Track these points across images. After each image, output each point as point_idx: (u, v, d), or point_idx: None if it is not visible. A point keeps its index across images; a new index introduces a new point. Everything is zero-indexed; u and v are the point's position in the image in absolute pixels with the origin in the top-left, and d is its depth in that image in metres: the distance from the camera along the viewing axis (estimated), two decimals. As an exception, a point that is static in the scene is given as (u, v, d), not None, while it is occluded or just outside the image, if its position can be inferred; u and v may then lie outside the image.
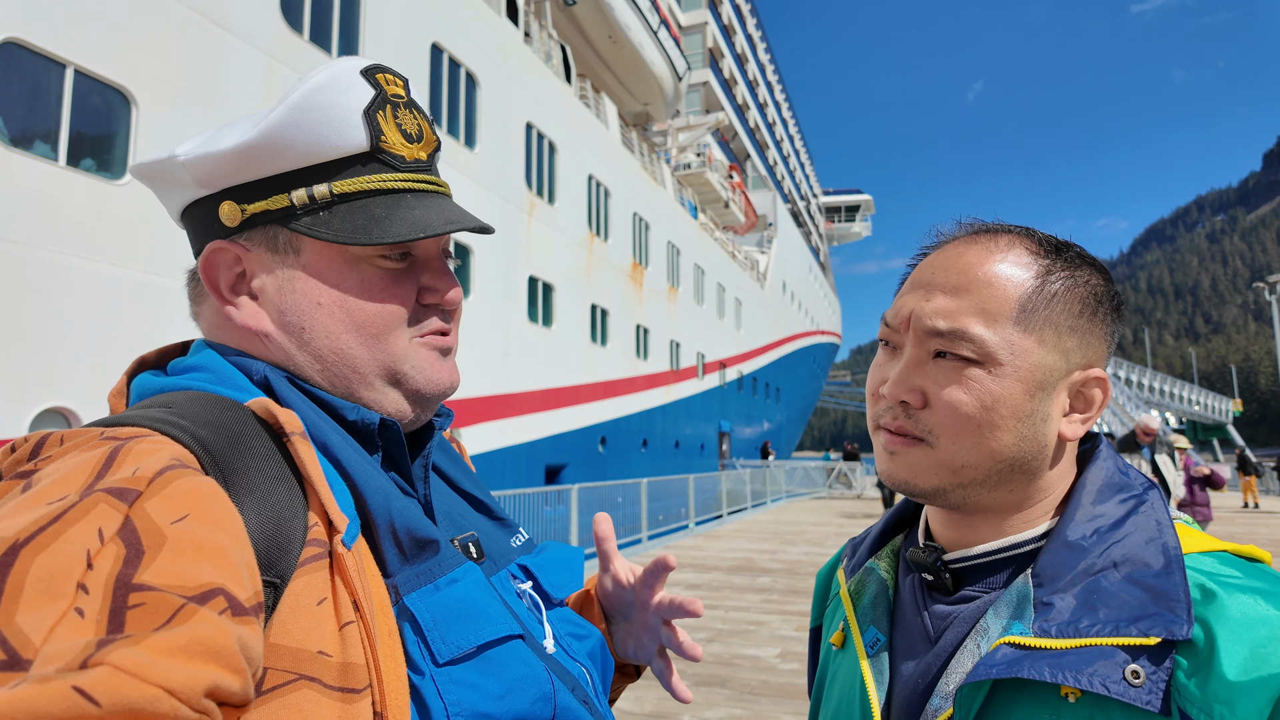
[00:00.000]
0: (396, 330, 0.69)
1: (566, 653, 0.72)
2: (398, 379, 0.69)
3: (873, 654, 0.75)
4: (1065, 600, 0.61)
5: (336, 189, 0.66)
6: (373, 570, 0.58)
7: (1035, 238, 0.70)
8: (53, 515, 0.41)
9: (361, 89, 0.68)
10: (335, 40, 10.46)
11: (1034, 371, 0.65)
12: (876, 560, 0.83)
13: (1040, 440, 0.66)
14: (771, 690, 4.67)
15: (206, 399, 0.59)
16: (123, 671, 0.37)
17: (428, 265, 0.72)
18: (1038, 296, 0.66)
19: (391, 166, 0.69)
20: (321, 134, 0.65)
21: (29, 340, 6.56)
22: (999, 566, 0.69)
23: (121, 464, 0.47)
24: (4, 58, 6.54)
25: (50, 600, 0.38)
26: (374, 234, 0.66)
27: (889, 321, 0.73)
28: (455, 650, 0.58)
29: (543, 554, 0.81)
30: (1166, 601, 0.58)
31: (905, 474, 0.68)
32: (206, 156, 0.65)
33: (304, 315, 0.67)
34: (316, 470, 0.56)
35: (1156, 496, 0.67)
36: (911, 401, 0.67)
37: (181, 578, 0.42)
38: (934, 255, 0.73)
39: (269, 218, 0.66)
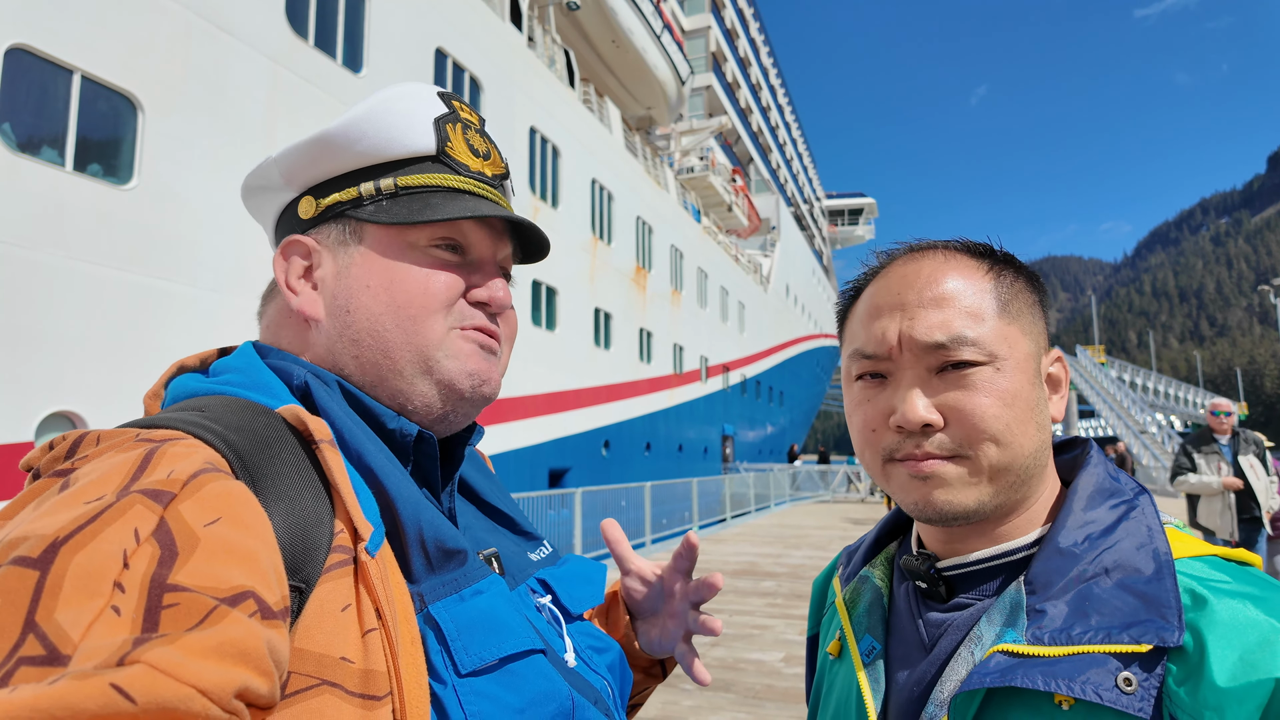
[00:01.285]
0: (434, 315, 0.69)
1: (588, 666, 0.73)
2: (429, 367, 0.69)
3: (868, 662, 0.75)
4: (1058, 607, 0.62)
5: (401, 182, 0.70)
6: (397, 578, 0.58)
7: (963, 244, 0.73)
8: (91, 514, 0.43)
9: (436, 104, 0.74)
10: (340, 46, 10.51)
11: (1028, 360, 0.68)
12: (871, 568, 0.83)
13: (1048, 426, 0.69)
14: (776, 695, 4.66)
15: (239, 404, 0.60)
16: (158, 670, 0.38)
17: (481, 267, 0.74)
18: (1007, 291, 0.69)
19: (455, 170, 0.73)
20: (392, 134, 0.70)
21: (36, 344, 6.59)
22: (992, 574, 0.69)
23: (157, 466, 0.47)
24: (12, 64, 6.58)
25: (88, 598, 0.39)
26: (426, 214, 0.69)
27: (872, 351, 0.70)
28: (478, 661, 0.58)
29: (564, 566, 0.81)
30: (1158, 608, 0.58)
31: (946, 495, 0.66)
32: (291, 149, 0.72)
33: (352, 297, 0.69)
34: (343, 477, 0.57)
35: (1147, 501, 0.67)
36: (935, 422, 0.66)
37: (214, 579, 0.43)
38: (882, 280, 0.73)
39: (340, 209, 0.71)
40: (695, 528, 14.34)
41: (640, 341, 20.68)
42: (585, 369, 17.41)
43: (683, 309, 24.05)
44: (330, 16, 10.39)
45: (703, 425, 25.81)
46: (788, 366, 39.08)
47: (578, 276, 17.24)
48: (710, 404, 26.54)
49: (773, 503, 19.87)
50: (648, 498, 12.32)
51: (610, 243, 19.07)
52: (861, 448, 0.73)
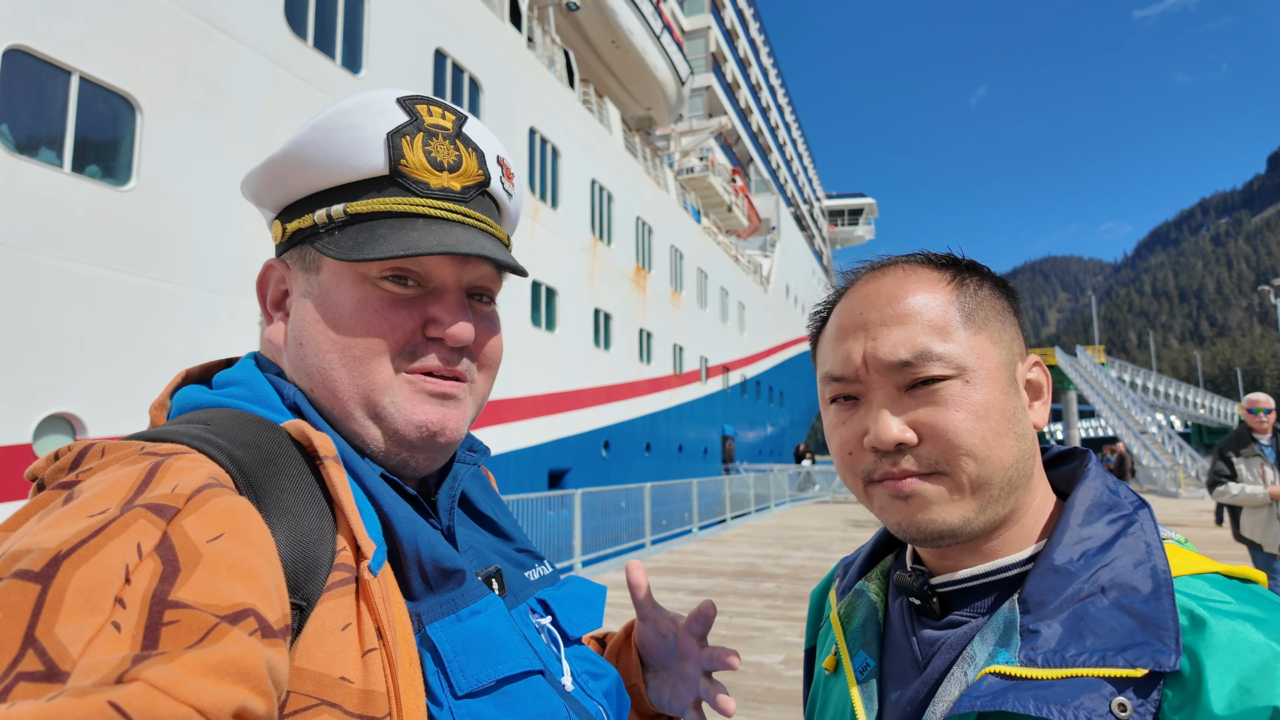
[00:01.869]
0: (379, 357, 0.65)
1: (584, 691, 0.72)
2: (376, 413, 0.66)
3: (862, 680, 0.73)
4: (1052, 628, 0.60)
5: (350, 209, 0.66)
6: (397, 598, 0.58)
7: (924, 256, 0.72)
8: (94, 528, 0.42)
9: (393, 114, 0.67)
10: (339, 47, 10.50)
11: (999, 370, 0.66)
12: (866, 582, 0.81)
13: (1030, 435, 0.67)
14: (776, 697, 4.65)
15: (244, 418, 0.59)
16: (156, 689, 0.37)
17: (441, 297, 0.68)
18: (971, 300, 0.68)
19: (409, 191, 0.67)
20: (340, 154, 0.66)
21: (34, 345, 6.58)
22: (986, 590, 0.67)
23: (161, 480, 0.47)
24: (10, 65, 6.57)
25: (89, 613, 0.39)
26: (365, 250, 0.64)
27: (840, 374, 0.69)
28: (474, 683, 0.57)
29: (564, 588, 0.80)
30: (1154, 629, 0.56)
31: (927, 513, 0.64)
32: (249, 176, 0.70)
33: (304, 330, 0.67)
34: (348, 495, 0.57)
35: (1147, 516, 0.65)
36: (909, 440, 0.64)
37: (215, 596, 0.43)
38: (846, 302, 0.72)
39: (301, 236, 0.69)
40: (695, 529, 14.33)
41: (640, 342, 20.67)
42: (585, 370, 17.40)
43: (683, 309, 24.04)
44: (329, 17, 10.38)
45: (703, 426, 25.80)
46: (788, 367, 39.08)
47: (577, 277, 17.23)
48: (710, 404, 26.54)
49: (773, 503, 19.85)
50: (647, 498, 12.31)
51: (610, 243, 19.07)
52: (842, 471, 0.72)
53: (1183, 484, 24.90)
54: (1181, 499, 23.24)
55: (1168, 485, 25.49)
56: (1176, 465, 27.69)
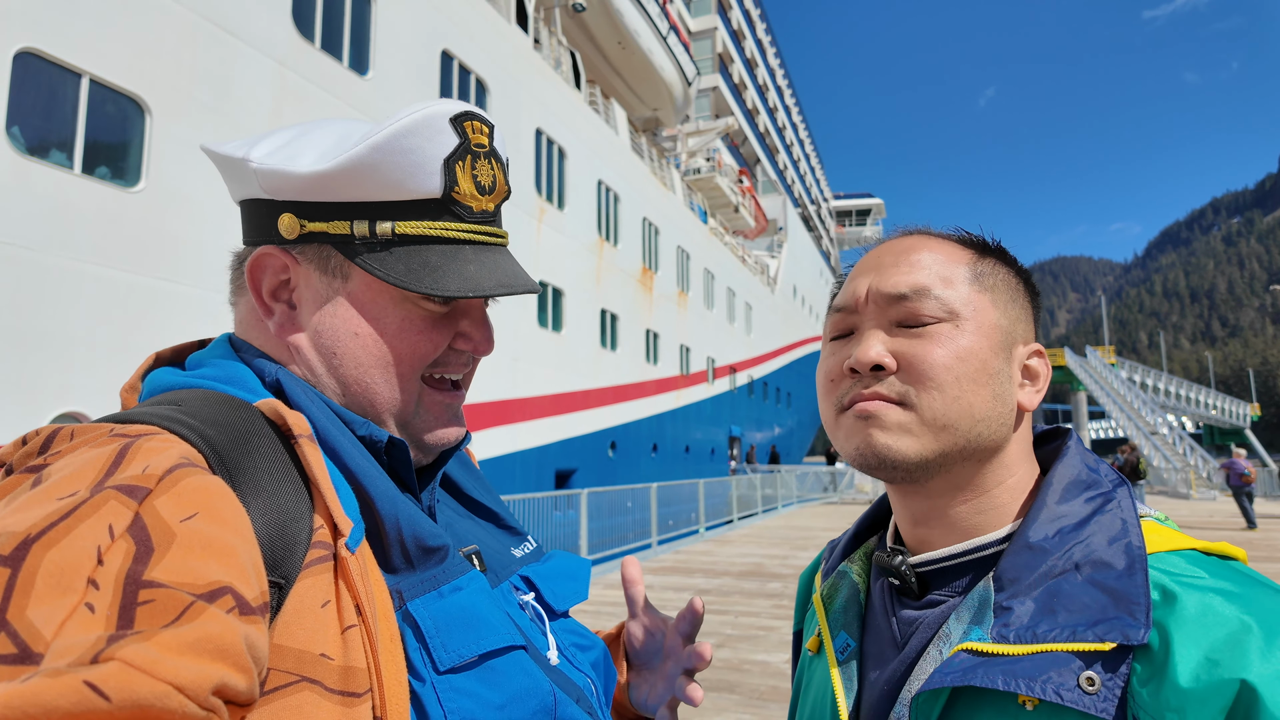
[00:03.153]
0: (418, 371, 0.70)
1: (571, 663, 0.72)
2: (406, 422, 0.70)
3: (842, 660, 0.74)
4: (1025, 604, 0.60)
5: (399, 229, 0.66)
6: (376, 575, 0.58)
7: (953, 231, 0.74)
8: (64, 511, 0.42)
9: (447, 137, 0.67)
10: (346, 49, 10.55)
11: (994, 330, 0.67)
12: (849, 563, 0.81)
13: (1009, 403, 0.67)
14: (781, 696, 4.64)
15: (216, 398, 0.59)
16: (133, 667, 0.37)
17: (469, 313, 0.72)
18: (986, 269, 0.70)
19: (457, 216, 0.69)
20: (398, 177, 0.65)
21: (44, 345, 6.63)
22: (963, 570, 0.67)
23: (131, 461, 0.47)
24: (21, 68, 6.63)
25: (61, 595, 0.38)
26: (426, 283, 0.65)
27: (842, 304, 0.72)
28: (456, 658, 0.58)
29: (548, 563, 0.80)
30: (1126, 604, 0.56)
31: (885, 439, 0.64)
32: (279, 173, 0.66)
33: (338, 341, 0.67)
34: (323, 473, 0.57)
35: (1125, 494, 0.65)
36: (886, 365, 0.65)
37: (190, 575, 0.43)
38: (870, 253, 0.75)
39: (326, 239, 0.67)
40: (702, 529, 14.31)
41: (647, 342, 20.67)
42: (592, 370, 17.41)
43: (689, 310, 24.03)
44: (336, 19, 10.43)
45: (709, 426, 25.77)
46: (795, 368, 38.99)
47: (584, 278, 17.25)
48: (717, 405, 26.51)
49: (780, 504, 19.82)
50: (654, 499, 12.31)
51: (616, 244, 19.08)
52: (822, 400, 0.72)
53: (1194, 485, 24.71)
54: (1193, 500, 23.07)
55: (1179, 487, 25.31)
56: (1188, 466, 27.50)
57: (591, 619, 6.85)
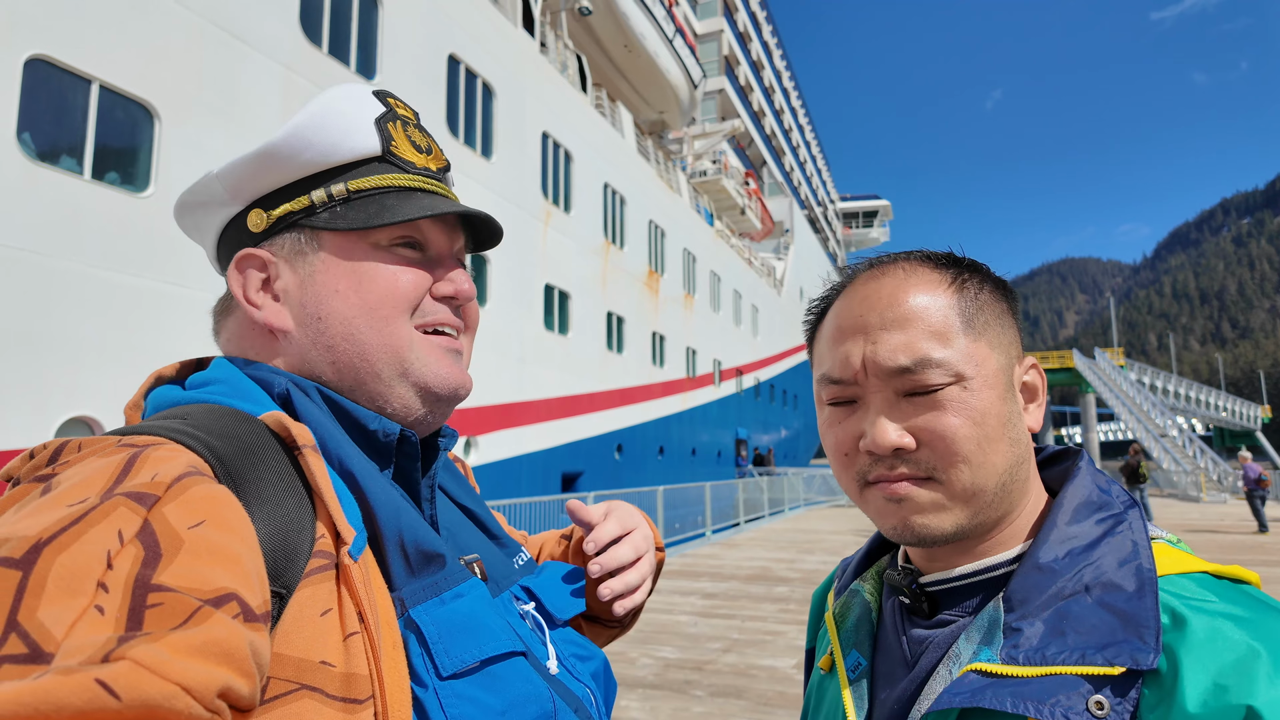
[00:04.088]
0: (402, 316, 0.70)
1: (570, 673, 0.72)
2: (405, 368, 0.70)
3: (854, 679, 0.73)
4: (1034, 626, 0.59)
5: (352, 186, 0.71)
6: (379, 582, 0.58)
7: (924, 255, 0.71)
8: (74, 516, 0.43)
9: (374, 104, 0.74)
10: (353, 53, 10.59)
11: (998, 375, 0.66)
12: (861, 582, 0.81)
13: (1024, 440, 0.67)
14: (788, 701, 4.62)
15: (221, 411, 0.60)
16: (143, 667, 0.38)
17: (441, 262, 0.75)
18: (971, 304, 0.67)
19: (402, 169, 0.73)
20: (336, 138, 0.70)
21: (54, 350, 6.67)
22: (974, 590, 0.67)
23: (140, 470, 0.48)
24: (31, 74, 6.68)
25: (72, 597, 0.39)
26: (384, 217, 0.69)
27: (838, 376, 0.69)
28: (459, 664, 0.58)
29: (544, 573, 0.81)
30: (1135, 627, 0.56)
31: (922, 520, 0.65)
32: (234, 164, 0.71)
33: (321, 303, 0.69)
34: (326, 482, 0.58)
35: (1136, 515, 0.64)
36: (907, 445, 0.64)
37: (197, 581, 0.43)
38: (845, 301, 0.71)
39: (292, 219, 0.70)
40: (709, 532, 14.30)
41: (653, 345, 20.66)
42: (598, 373, 17.41)
43: (695, 312, 24.01)
44: (343, 24, 10.48)
45: (716, 429, 25.73)
46: (802, 370, 38.91)
47: (590, 281, 17.26)
48: (724, 407, 26.47)
49: (786, 507, 19.76)
50: (660, 502, 12.30)
51: (623, 247, 19.08)
52: (838, 471, 0.71)
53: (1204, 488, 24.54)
54: (1203, 503, 22.91)
55: (1189, 489, 25.14)
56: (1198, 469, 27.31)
57: (598, 623, 6.84)
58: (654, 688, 4.95)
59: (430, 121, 12.09)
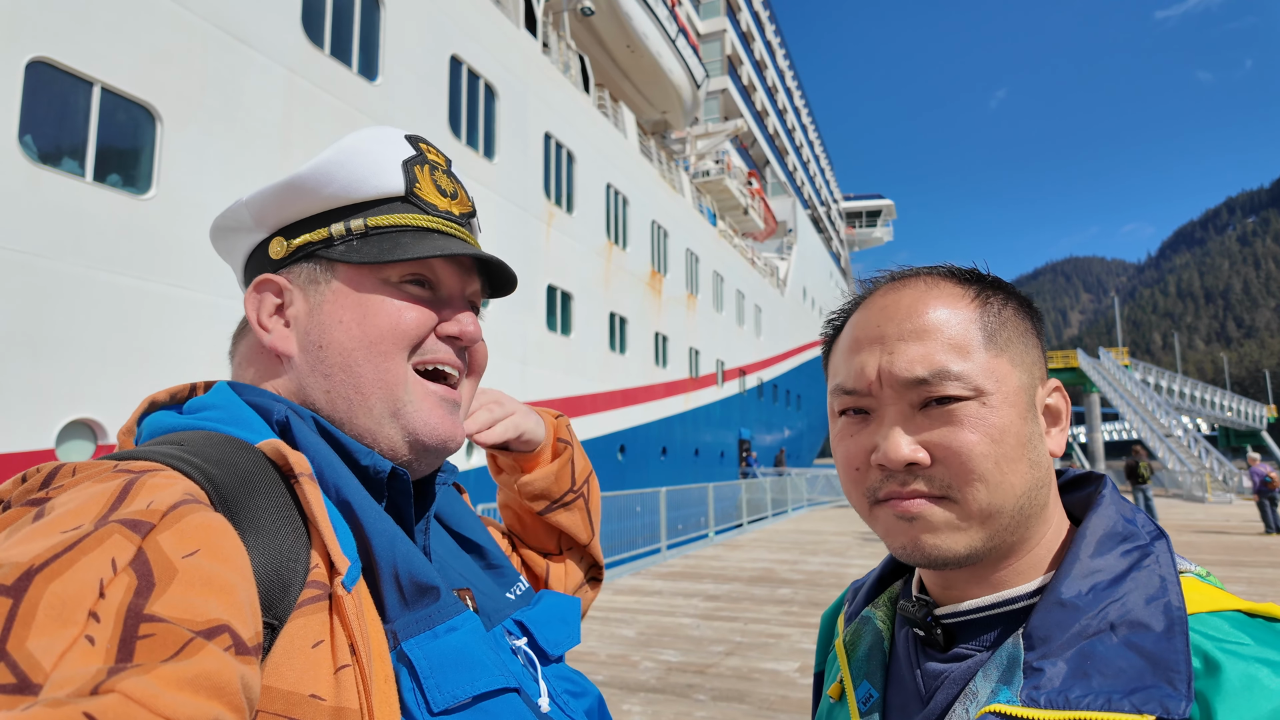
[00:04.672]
0: (403, 353, 0.70)
1: (563, 710, 0.71)
2: (397, 410, 0.70)
3: (864, 711, 0.71)
4: (1056, 666, 0.56)
5: (371, 222, 0.72)
6: (372, 615, 0.58)
7: (947, 270, 0.69)
8: (67, 543, 0.42)
9: (404, 146, 0.75)
10: (356, 54, 10.59)
11: (1019, 394, 0.63)
12: (873, 609, 0.79)
13: (1044, 463, 0.64)
14: (791, 705, 4.60)
15: (218, 439, 0.60)
16: (132, 700, 0.37)
17: (450, 302, 0.75)
18: (994, 320, 0.65)
19: (424, 210, 0.74)
20: (361, 175, 0.72)
21: (56, 352, 6.67)
22: (991, 623, 0.65)
23: (135, 497, 0.47)
24: (33, 76, 6.68)
25: (62, 626, 0.39)
26: (395, 254, 0.70)
27: (852, 387, 0.67)
28: (450, 700, 0.57)
29: (538, 606, 0.80)
30: (1165, 672, 0.53)
31: (934, 540, 0.62)
32: (262, 193, 0.73)
33: (325, 332, 0.70)
34: (322, 512, 0.57)
35: (1164, 548, 0.62)
36: (920, 460, 0.62)
37: (190, 611, 0.43)
38: (863, 312, 0.70)
39: (310, 249, 0.72)
40: (711, 533, 14.27)
41: (656, 345, 20.65)
42: (600, 373, 17.40)
43: (698, 313, 23.99)
44: (346, 25, 10.48)
45: (719, 429, 25.71)
46: (805, 370, 38.87)
47: (593, 281, 17.25)
48: (727, 408, 26.44)
49: (790, 507, 19.73)
50: (663, 503, 12.28)
51: (625, 247, 19.07)
52: (847, 486, 0.69)
53: (1209, 488, 24.45)
54: (1208, 503, 22.82)
55: (1194, 490, 25.05)
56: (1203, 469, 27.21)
57: (600, 624, 6.83)
58: (656, 691, 4.93)
59: (432, 123, 12.09)
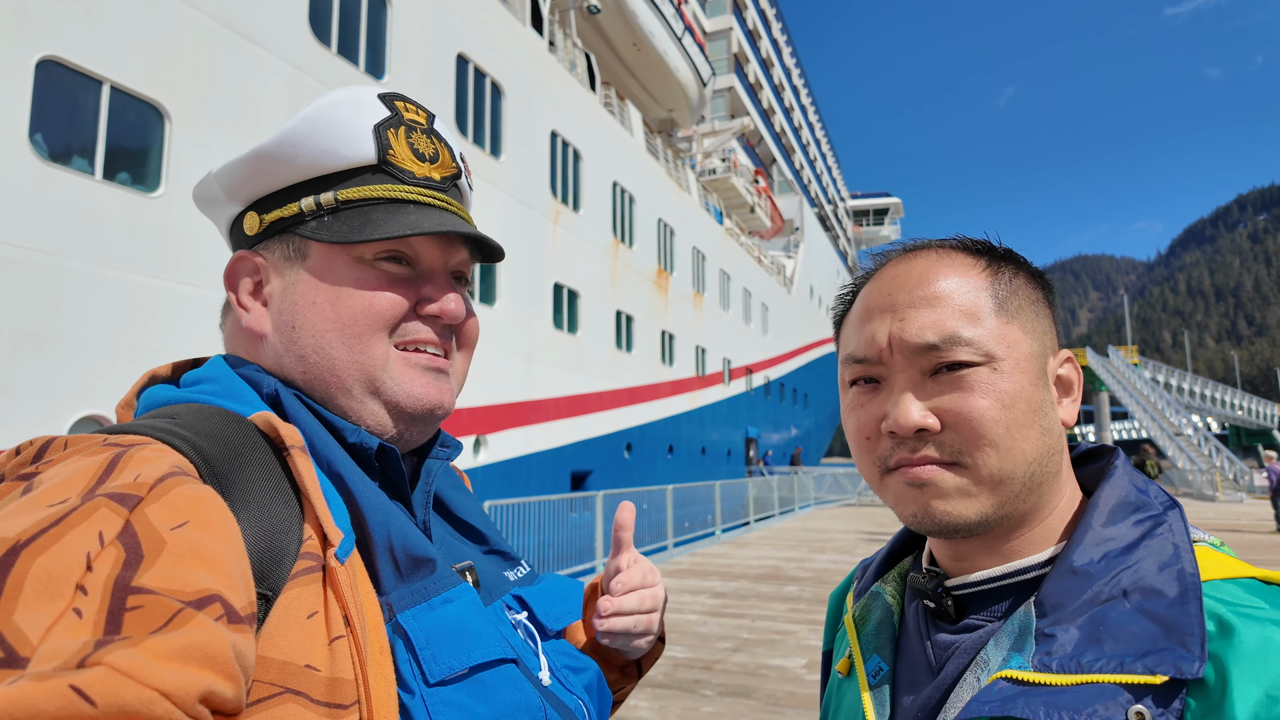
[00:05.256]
0: (378, 334, 0.68)
1: (563, 684, 0.71)
2: (376, 387, 0.68)
3: (874, 684, 0.71)
4: (1069, 632, 0.57)
5: (341, 196, 0.68)
6: (366, 587, 0.58)
7: (959, 242, 0.69)
8: (54, 518, 0.42)
9: (376, 109, 0.71)
10: (362, 53, 10.61)
11: (1030, 360, 0.64)
12: (883, 584, 0.79)
13: (1056, 430, 0.64)
14: (798, 701, 4.60)
15: (210, 412, 0.59)
16: (119, 673, 0.37)
17: (431, 278, 0.72)
18: (1005, 288, 0.65)
19: (398, 179, 0.70)
20: (330, 144, 0.68)
21: (67, 349, 6.72)
22: (1002, 594, 0.65)
23: (123, 470, 0.47)
24: (43, 76, 6.72)
25: (49, 600, 0.39)
26: (365, 233, 0.67)
27: (862, 355, 0.67)
28: (447, 670, 0.57)
29: (540, 584, 0.80)
30: (1178, 635, 0.53)
31: (945, 506, 0.62)
32: (229, 165, 0.70)
33: (297, 314, 0.68)
34: (314, 484, 0.57)
35: (1177, 517, 0.61)
36: (931, 426, 0.62)
37: (179, 582, 0.42)
38: (874, 283, 0.70)
39: (283, 225, 0.69)
40: (718, 531, 14.26)
41: (662, 344, 20.64)
42: (607, 372, 17.40)
43: (705, 311, 23.96)
44: (352, 23, 10.50)
45: (726, 428, 25.69)
46: (812, 368, 38.80)
47: (599, 279, 17.25)
48: (733, 406, 26.41)
49: (797, 506, 19.71)
50: (669, 501, 12.28)
51: (632, 245, 19.07)
52: (859, 456, 0.69)
53: (1219, 487, 24.29)
54: (1219, 502, 22.68)
55: (1204, 489, 24.89)
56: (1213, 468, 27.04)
57: (607, 622, 6.83)
58: (663, 687, 4.93)
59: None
